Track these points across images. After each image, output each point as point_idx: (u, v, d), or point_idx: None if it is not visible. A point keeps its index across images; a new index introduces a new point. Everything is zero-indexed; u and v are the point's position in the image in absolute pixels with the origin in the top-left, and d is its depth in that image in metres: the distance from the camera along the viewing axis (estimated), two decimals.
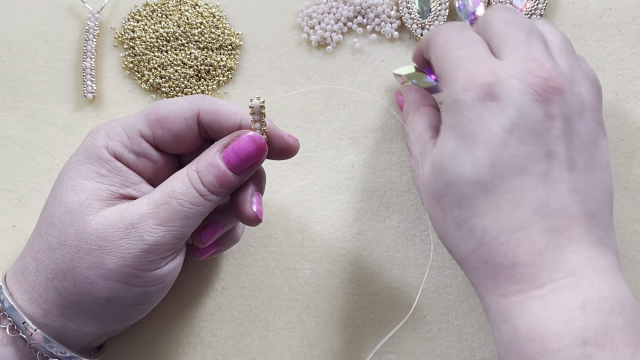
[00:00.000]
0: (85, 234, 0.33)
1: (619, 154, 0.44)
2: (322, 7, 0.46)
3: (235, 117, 0.36)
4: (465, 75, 0.34)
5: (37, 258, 0.35)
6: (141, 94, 0.46)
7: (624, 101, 0.44)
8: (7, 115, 0.46)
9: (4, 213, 0.45)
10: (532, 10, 0.45)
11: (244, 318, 0.43)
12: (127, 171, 0.36)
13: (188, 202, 0.34)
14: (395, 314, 0.42)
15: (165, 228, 0.34)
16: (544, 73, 0.33)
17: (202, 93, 0.45)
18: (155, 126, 0.36)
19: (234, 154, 0.34)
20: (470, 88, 0.33)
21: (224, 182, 0.34)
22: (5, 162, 0.45)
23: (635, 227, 0.43)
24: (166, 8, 0.46)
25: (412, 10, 0.45)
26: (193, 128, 0.36)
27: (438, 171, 0.34)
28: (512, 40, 0.35)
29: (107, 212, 0.34)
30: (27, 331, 0.34)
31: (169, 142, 0.36)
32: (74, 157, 0.36)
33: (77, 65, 0.46)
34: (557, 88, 0.33)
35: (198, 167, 0.35)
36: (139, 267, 0.34)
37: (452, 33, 0.37)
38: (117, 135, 0.36)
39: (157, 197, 0.34)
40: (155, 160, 0.37)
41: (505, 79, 0.33)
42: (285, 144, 0.36)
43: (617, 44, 0.45)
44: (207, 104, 0.36)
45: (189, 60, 0.45)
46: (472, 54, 0.35)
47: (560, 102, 0.33)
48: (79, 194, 0.34)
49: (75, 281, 0.34)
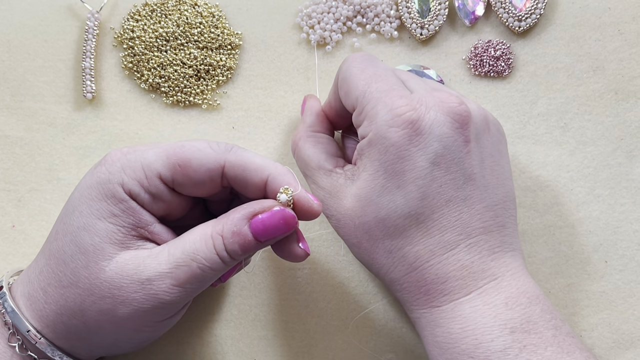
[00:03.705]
0: (99, 280, 0.33)
1: (619, 153, 0.44)
2: (321, 7, 0.46)
3: (263, 173, 0.34)
4: (387, 110, 0.35)
5: (47, 291, 0.34)
6: (140, 93, 0.46)
7: (624, 100, 0.44)
8: (7, 115, 0.46)
9: (3, 213, 0.44)
10: (532, 10, 0.45)
11: (244, 318, 0.42)
12: (140, 212, 0.34)
13: (209, 267, 0.33)
14: (395, 314, 0.42)
15: (183, 289, 0.33)
16: (454, 100, 0.35)
17: (201, 92, 0.45)
18: (175, 170, 0.34)
19: (263, 226, 0.33)
20: (395, 125, 0.34)
21: (247, 249, 0.33)
22: (5, 162, 0.45)
23: (635, 227, 0.43)
24: (165, 8, 0.46)
25: (412, 9, 0.45)
26: (216, 179, 0.35)
27: (368, 205, 0.35)
28: (409, 79, 0.38)
29: (122, 260, 0.33)
30: (34, 344, 0.34)
31: (187, 187, 0.35)
32: (86, 188, 0.34)
33: (77, 65, 0.46)
34: (468, 111, 0.35)
35: (224, 233, 0.33)
36: (151, 319, 0.34)
37: (365, 64, 0.37)
38: (135, 173, 0.34)
39: (177, 257, 0.33)
40: (170, 202, 0.35)
41: (425, 112, 0.35)
42: (310, 210, 0.34)
43: (617, 43, 0.45)
44: (234, 157, 0.34)
45: (189, 60, 0.45)
46: (388, 87, 0.36)
47: (471, 124, 0.35)
48: (92, 236, 0.33)
49: (84, 322, 0.33)
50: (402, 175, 0.34)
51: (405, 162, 0.34)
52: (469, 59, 0.45)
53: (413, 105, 0.35)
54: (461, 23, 0.46)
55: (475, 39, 0.46)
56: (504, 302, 0.34)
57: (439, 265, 0.35)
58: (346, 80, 0.37)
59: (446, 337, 0.34)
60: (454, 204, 0.35)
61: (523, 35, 0.46)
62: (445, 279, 0.34)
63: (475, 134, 0.36)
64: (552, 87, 0.45)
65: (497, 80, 0.45)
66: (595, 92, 0.44)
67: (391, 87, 0.36)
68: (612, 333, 0.42)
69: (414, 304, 0.36)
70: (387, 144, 0.35)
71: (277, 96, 0.46)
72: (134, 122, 0.46)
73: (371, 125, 0.35)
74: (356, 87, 0.37)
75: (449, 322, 0.34)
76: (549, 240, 0.43)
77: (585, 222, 0.43)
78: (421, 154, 0.34)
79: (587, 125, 0.44)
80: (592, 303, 0.42)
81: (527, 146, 0.44)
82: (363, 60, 0.38)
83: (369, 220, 0.35)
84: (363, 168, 0.36)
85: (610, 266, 0.42)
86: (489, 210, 0.35)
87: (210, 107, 0.46)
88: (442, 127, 0.34)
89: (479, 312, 0.34)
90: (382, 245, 0.36)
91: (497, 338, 0.33)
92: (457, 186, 0.35)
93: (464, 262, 0.34)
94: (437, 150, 0.34)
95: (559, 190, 0.44)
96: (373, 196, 0.35)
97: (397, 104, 0.35)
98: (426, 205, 0.34)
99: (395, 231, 0.35)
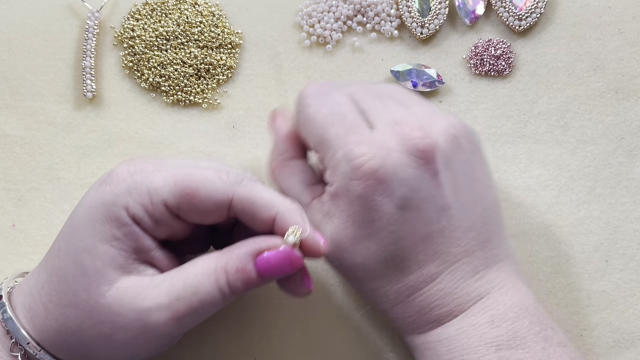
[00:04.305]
0: (98, 304, 0.32)
1: (619, 152, 0.44)
2: (321, 6, 0.46)
3: (271, 210, 0.33)
4: (347, 162, 0.33)
5: (48, 307, 0.34)
6: (141, 93, 0.46)
7: (624, 99, 0.44)
8: (7, 114, 0.46)
9: (3, 212, 0.44)
10: (532, 9, 0.45)
11: (244, 318, 0.42)
12: (142, 237, 0.33)
13: (209, 302, 0.32)
14: None
15: (180, 322, 0.33)
16: (417, 134, 0.34)
17: (201, 92, 0.45)
18: (182, 199, 0.33)
19: (268, 264, 0.32)
20: (356, 177, 0.33)
21: (250, 286, 0.33)
22: (5, 161, 0.45)
23: (635, 227, 0.43)
24: (166, 7, 0.46)
25: (412, 8, 0.45)
26: (222, 211, 0.34)
27: (344, 252, 0.35)
28: (369, 108, 0.36)
29: (122, 286, 0.32)
30: (34, 355, 0.34)
31: (192, 215, 0.34)
32: (90, 208, 0.33)
33: (77, 64, 0.46)
34: (432, 145, 0.34)
35: (228, 268, 0.32)
36: (146, 346, 0.34)
37: (320, 102, 0.36)
38: (140, 197, 0.33)
39: (178, 289, 0.32)
40: (173, 227, 0.34)
41: (386, 157, 0.33)
42: (317, 251, 0.33)
43: (617, 42, 0.45)
44: (243, 190, 0.33)
45: (189, 59, 0.45)
46: (345, 131, 0.34)
47: (438, 154, 0.34)
48: (94, 259, 0.33)
49: (82, 341, 0.33)
50: (372, 225, 0.34)
51: (373, 212, 0.33)
52: (470, 58, 0.45)
53: (373, 152, 0.33)
54: (461, 22, 0.46)
55: (476, 38, 0.46)
56: (490, 321, 0.33)
57: (421, 298, 0.34)
58: (303, 123, 0.36)
59: (434, 359, 0.34)
60: (431, 238, 0.34)
61: (523, 35, 0.46)
62: (429, 309, 0.34)
63: (444, 161, 0.34)
64: (552, 86, 0.45)
65: (497, 79, 0.45)
66: (596, 91, 0.44)
67: (348, 129, 0.34)
68: (613, 332, 0.42)
69: (402, 330, 0.36)
70: (352, 197, 0.34)
71: (277, 95, 0.46)
72: (134, 121, 0.46)
73: (334, 176, 0.34)
74: (314, 131, 0.35)
75: (436, 346, 0.34)
76: (550, 240, 0.43)
77: (586, 222, 0.43)
78: (388, 201, 0.33)
79: (587, 124, 0.44)
80: (592, 302, 0.42)
81: (527, 145, 0.44)
82: (318, 96, 0.36)
83: (347, 264, 0.35)
84: (333, 213, 0.35)
85: (611, 265, 0.42)
86: (470, 230, 0.34)
87: (211, 106, 0.46)
88: (406, 169, 0.33)
89: (464, 333, 0.33)
90: (364, 284, 0.36)
91: (483, 357, 0.32)
92: (431, 222, 0.34)
93: (447, 290, 0.34)
94: (405, 194, 0.33)
95: (560, 190, 0.44)
96: (347, 244, 0.35)
97: (356, 154, 0.33)
98: (400, 247, 0.34)
99: (374, 274, 0.35)
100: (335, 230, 0.35)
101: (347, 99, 0.36)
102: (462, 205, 0.34)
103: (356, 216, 0.34)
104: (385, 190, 0.33)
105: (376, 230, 0.34)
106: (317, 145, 0.36)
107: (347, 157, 0.34)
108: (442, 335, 0.34)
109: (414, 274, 0.34)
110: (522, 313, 0.34)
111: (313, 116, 0.35)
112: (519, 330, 0.33)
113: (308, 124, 0.36)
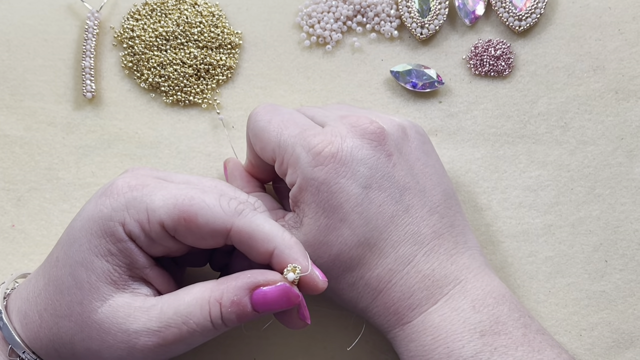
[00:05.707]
0: (90, 320, 0.33)
1: (619, 152, 0.44)
2: (321, 6, 0.46)
3: (269, 244, 0.33)
4: (306, 152, 0.35)
5: (42, 316, 0.34)
6: (140, 93, 0.46)
7: (624, 100, 0.44)
8: (6, 114, 0.46)
9: (3, 212, 0.44)
10: (532, 9, 0.45)
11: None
12: (137, 254, 0.33)
13: (199, 333, 0.32)
14: None
15: (167, 349, 0.33)
16: (364, 120, 0.36)
17: (201, 92, 0.45)
18: (179, 223, 0.33)
19: (264, 299, 0.32)
20: (318, 163, 0.35)
21: (244, 319, 0.32)
22: (4, 162, 0.45)
23: (635, 227, 0.43)
24: (165, 7, 0.46)
25: (412, 9, 0.45)
26: (219, 239, 0.33)
27: (319, 248, 0.35)
28: (316, 114, 0.38)
29: (115, 304, 0.32)
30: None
31: (189, 239, 0.34)
32: (88, 220, 0.33)
33: (76, 64, 0.46)
34: (381, 127, 0.36)
35: (223, 301, 0.32)
36: None
37: (269, 115, 0.38)
38: (138, 214, 0.33)
39: (169, 317, 0.32)
40: (168, 247, 0.34)
41: (342, 142, 0.35)
42: (315, 288, 0.33)
43: (617, 43, 0.45)
44: (243, 222, 0.33)
45: (189, 59, 0.45)
46: (300, 130, 0.36)
47: (388, 137, 0.36)
48: (89, 274, 0.33)
49: (74, 354, 0.33)
50: (341, 208, 0.35)
51: (339, 195, 0.35)
52: (469, 58, 0.45)
53: (328, 139, 0.35)
54: (461, 22, 0.46)
55: (476, 39, 0.46)
56: (471, 306, 0.34)
57: (402, 282, 0.35)
58: (257, 136, 0.37)
59: (419, 350, 0.34)
60: (399, 218, 0.35)
61: (523, 35, 0.46)
62: (410, 293, 0.35)
63: (396, 146, 0.36)
64: (552, 86, 0.45)
65: (497, 79, 0.45)
66: (596, 92, 0.44)
67: (302, 128, 0.36)
68: (612, 332, 0.42)
69: (386, 327, 0.36)
70: (317, 184, 0.35)
71: (277, 95, 0.46)
72: (133, 121, 0.46)
73: (296, 172, 0.35)
74: (269, 139, 0.37)
75: (420, 336, 0.34)
76: (549, 240, 0.43)
77: (586, 222, 0.43)
78: (351, 182, 0.35)
79: (587, 124, 0.44)
80: (592, 302, 0.42)
81: (527, 145, 0.44)
82: (267, 112, 0.38)
83: (324, 262, 0.35)
84: (303, 214, 0.36)
85: (611, 266, 0.42)
86: (433, 213, 0.36)
87: (210, 107, 0.46)
88: (361, 150, 0.35)
89: (447, 319, 0.34)
90: (343, 281, 0.36)
91: (468, 344, 0.33)
92: (395, 200, 0.35)
93: (425, 271, 0.35)
94: (365, 173, 0.35)
95: (560, 190, 0.44)
96: (320, 237, 0.35)
97: (313, 143, 0.35)
98: (372, 227, 0.35)
99: (351, 263, 0.35)
100: (307, 229, 0.35)
101: (294, 110, 0.39)
102: (421, 187, 0.36)
103: (324, 203, 0.35)
104: (346, 171, 0.35)
105: (346, 214, 0.35)
106: (273, 151, 0.37)
107: (306, 148, 0.35)
108: (426, 322, 0.34)
109: (390, 256, 0.35)
110: (500, 299, 0.35)
111: (266, 127, 0.37)
112: (500, 315, 0.34)
113: (262, 135, 0.37)
